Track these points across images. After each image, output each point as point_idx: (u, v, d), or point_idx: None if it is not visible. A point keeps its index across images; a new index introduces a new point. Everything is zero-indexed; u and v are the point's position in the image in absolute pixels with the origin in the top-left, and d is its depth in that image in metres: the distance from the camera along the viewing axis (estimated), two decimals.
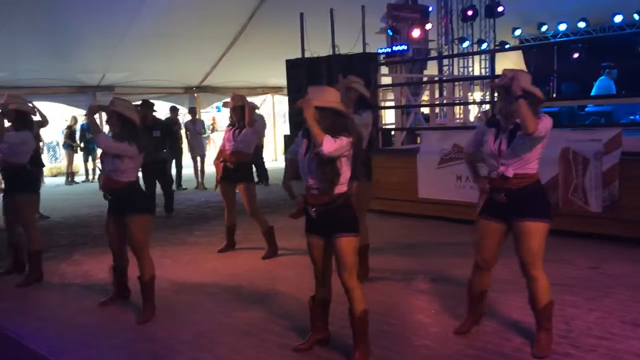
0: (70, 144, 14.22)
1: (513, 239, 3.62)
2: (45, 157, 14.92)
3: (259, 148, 12.65)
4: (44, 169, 12.83)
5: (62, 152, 16.22)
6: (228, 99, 6.51)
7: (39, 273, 5.66)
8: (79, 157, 14.63)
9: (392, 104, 11.70)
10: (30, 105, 5.75)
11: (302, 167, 3.58)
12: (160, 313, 4.61)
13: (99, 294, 5.12)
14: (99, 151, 9.30)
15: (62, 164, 16.10)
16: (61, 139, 15.14)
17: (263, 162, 12.48)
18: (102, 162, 4.62)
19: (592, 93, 11.11)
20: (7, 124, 5.56)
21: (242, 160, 6.24)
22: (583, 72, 15.09)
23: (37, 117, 7.93)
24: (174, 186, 12.14)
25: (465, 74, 16.14)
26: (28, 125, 5.64)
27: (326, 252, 3.61)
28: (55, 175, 16.17)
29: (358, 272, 4.62)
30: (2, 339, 4.28)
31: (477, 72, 16.77)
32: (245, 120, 6.24)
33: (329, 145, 3.29)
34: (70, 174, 14.45)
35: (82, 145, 14.19)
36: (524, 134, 3.35)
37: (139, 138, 4.53)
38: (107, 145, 4.49)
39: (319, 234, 3.57)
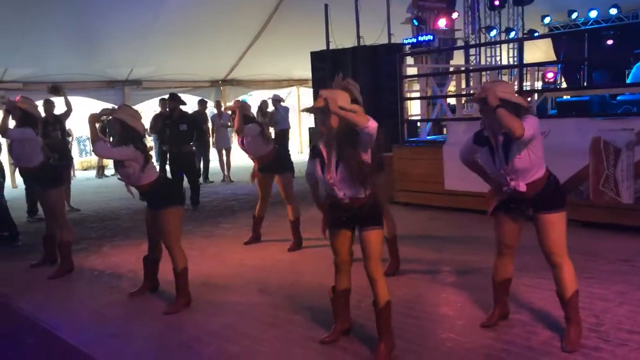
0: (101, 139, 14.43)
1: (536, 232, 3.58)
2: (75, 151, 15.23)
3: (285, 140, 12.71)
4: (75, 162, 13.14)
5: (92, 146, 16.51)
6: (252, 92, 6.56)
7: (69, 265, 5.79)
8: None
9: (418, 95, 11.59)
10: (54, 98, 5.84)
11: (325, 185, 3.55)
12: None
13: (128, 286, 5.22)
14: None
15: (93, 157, 16.39)
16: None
17: (289, 154, 12.49)
18: (117, 173, 4.68)
19: (629, 81, 10.82)
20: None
21: (268, 158, 6.29)
22: (615, 60, 14.72)
23: (60, 110, 8.16)
24: (200, 179, 12.33)
25: (493, 63, 15.87)
26: (31, 124, 5.76)
27: (350, 243, 3.65)
28: (86, 169, 16.48)
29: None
30: (35, 329, 4.39)
31: (505, 62, 16.48)
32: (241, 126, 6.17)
33: (373, 123, 3.27)
34: (100, 168, 14.70)
35: (111, 139, 14.41)
36: (514, 139, 3.32)
37: (141, 146, 4.54)
38: (104, 152, 4.68)
39: (346, 227, 3.61)
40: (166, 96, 12.16)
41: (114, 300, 4.94)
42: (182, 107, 9.12)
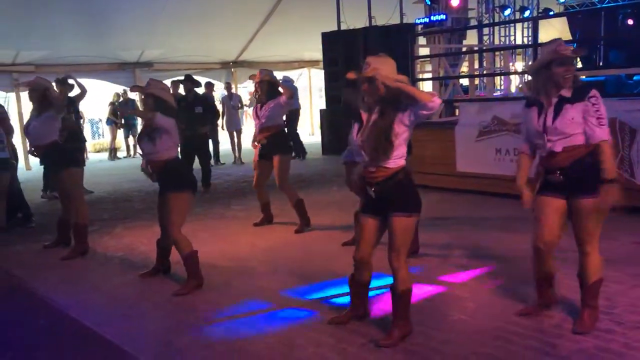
0: (113, 121, 14.51)
1: (570, 218, 3.49)
2: (88, 134, 15.31)
3: (295, 122, 12.66)
4: (88, 145, 13.21)
5: (104, 129, 16.59)
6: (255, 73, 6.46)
7: (82, 247, 5.83)
8: (121, 133, 14.93)
9: (430, 75, 11.47)
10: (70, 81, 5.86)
11: (356, 150, 3.50)
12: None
13: (140, 267, 5.26)
14: (139, 127, 9.45)
15: (105, 140, 16.49)
16: (103, 116, 15.48)
17: (299, 137, 12.47)
18: (139, 145, 4.74)
19: None
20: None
21: (272, 133, 6.22)
22: (632, 39, 14.43)
23: (74, 92, 8.16)
24: (212, 161, 12.35)
25: (507, 43, 15.66)
26: (49, 105, 5.76)
27: (378, 231, 3.53)
28: (98, 151, 16.59)
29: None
30: (49, 309, 4.44)
31: (519, 41, 16.25)
32: (279, 94, 6.19)
33: (438, 100, 3.22)
34: (112, 150, 14.79)
35: (122, 121, 14.46)
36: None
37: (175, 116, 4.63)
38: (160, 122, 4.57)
39: (374, 213, 3.48)
40: (178, 78, 12.18)
41: (126, 281, 4.98)
42: (196, 89, 9.09)
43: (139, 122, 12.76)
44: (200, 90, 9.75)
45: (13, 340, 3.96)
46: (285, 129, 6.45)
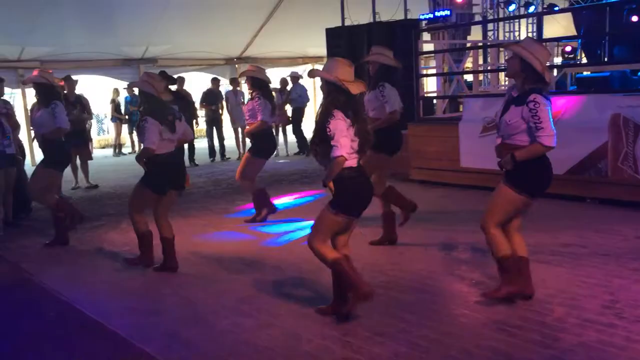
0: (117, 117, 14.56)
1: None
2: (93, 130, 15.37)
3: (300, 119, 12.69)
4: (93, 141, 13.29)
5: (109, 125, 16.65)
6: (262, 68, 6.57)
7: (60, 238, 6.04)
8: (126, 129, 14.98)
9: (434, 71, 11.46)
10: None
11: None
12: (203, 279, 4.76)
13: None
14: None
15: (110, 136, 16.54)
16: (108, 112, 15.52)
17: (303, 133, 12.49)
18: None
19: None
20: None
21: (252, 132, 6.39)
22: (637, 34, 14.37)
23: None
24: (217, 157, 12.39)
25: (512, 39, 15.60)
26: (54, 97, 5.86)
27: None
28: (103, 147, 16.65)
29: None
30: (56, 302, 4.50)
31: (523, 37, 16.17)
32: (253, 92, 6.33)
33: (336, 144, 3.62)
34: (117, 146, 14.85)
35: (126, 117, 14.51)
36: None
37: (155, 108, 4.78)
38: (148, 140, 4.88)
39: None
40: (182, 74, 12.21)
41: (131, 274, 5.03)
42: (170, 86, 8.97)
43: None
44: (202, 86, 9.71)
45: (22, 331, 4.01)
46: (263, 131, 6.44)
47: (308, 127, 15.50)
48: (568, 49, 14.45)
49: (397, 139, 5.29)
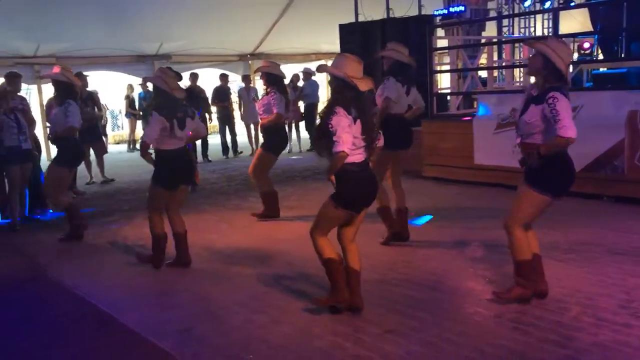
0: (132, 113, 14.65)
1: None
2: (108, 125, 15.49)
3: (313, 114, 12.67)
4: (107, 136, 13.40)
5: (124, 120, 16.76)
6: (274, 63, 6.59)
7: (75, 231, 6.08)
8: (140, 124, 15.06)
9: (448, 67, 11.37)
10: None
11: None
12: (216, 275, 4.78)
13: None
14: None
15: (125, 131, 16.65)
16: (122, 108, 15.62)
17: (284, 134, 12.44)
18: None
19: None
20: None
21: (264, 127, 6.43)
22: None
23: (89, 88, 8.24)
24: (230, 153, 12.42)
25: (527, 34, 15.46)
26: (70, 96, 5.89)
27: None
28: (117, 143, 16.77)
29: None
30: (71, 296, 4.55)
31: (539, 33, 16.01)
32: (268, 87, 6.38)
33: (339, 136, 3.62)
34: (132, 142, 14.94)
35: (141, 113, 14.59)
36: None
37: (167, 104, 4.76)
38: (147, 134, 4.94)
39: None
40: (196, 70, 12.25)
41: (145, 270, 5.06)
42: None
43: None
44: (211, 83, 9.71)
45: (37, 324, 4.06)
46: (276, 126, 6.42)
47: None
48: (586, 45, 14.26)
49: (403, 135, 5.26)
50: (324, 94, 17.21)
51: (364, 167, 3.72)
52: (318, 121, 3.78)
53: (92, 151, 9.41)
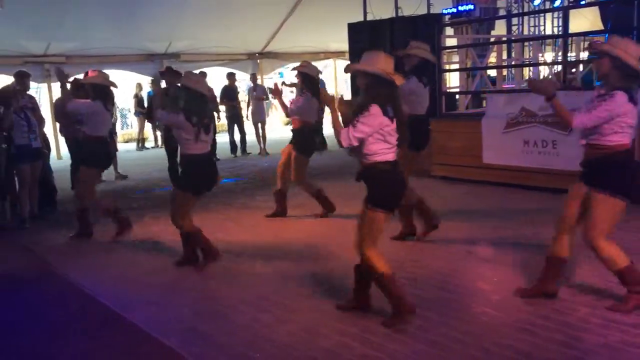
0: (141, 112, 14.71)
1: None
2: (117, 124, 15.56)
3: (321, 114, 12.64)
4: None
5: (132, 119, 16.83)
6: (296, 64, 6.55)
7: (84, 229, 6.10)
8: (149, 123, 15.12)
9: (457, 66, 11.33)
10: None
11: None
12: (223, 274, 4.79)
13: (167, 255, 5.36)
14: None
15: (134, 130, 16.73)
16: (131, 106, 15.69)
17: (321, 128, 12.45)
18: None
19: None
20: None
21: (296, 127, 6.36)
22: None
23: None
24: (238, 152, 12.44)
25: (536, 33, 15.37)
26: (103, 97, 5.86)
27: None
28: (127, 142, 16.83)
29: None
30: (78, 293, 4.58)
31: (548, 31, 15.93)
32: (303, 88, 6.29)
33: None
34: (140, 140, 15.01)
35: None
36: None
37: (198, 109, 4.70)
38: (161, 118, 4.99)
39: None
40: (204, 69, 12.27)
41: (153, 268, 5.08)
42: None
43: None
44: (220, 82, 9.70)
45: (45, 323, 4.09)
46: (309, 128, 6.36)
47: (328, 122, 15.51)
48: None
49: (423, 135, 5.25)
50: (330, 92, 17.14)
51: (396, 165, 3.63)
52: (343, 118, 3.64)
53: None
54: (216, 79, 13.76)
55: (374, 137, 3.49)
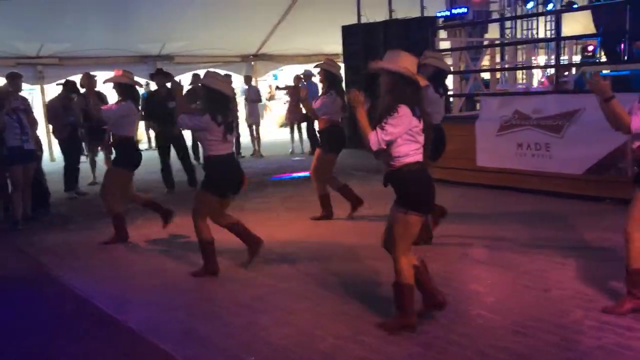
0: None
1: None
2: None
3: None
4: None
5: None
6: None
7: (120, 235, 5.98)
8: (142, 125, 15.05)
9: (451, 69, 11.37)
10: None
11: None
12: (220, 276, 4.78)
13: (161, 256, 5.34)
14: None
15: None
16: None
17: (314, 131, 12.48)
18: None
19: None
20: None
21: (321, 127, 6.38)
22: None
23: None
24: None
25: (529, 36, 15.45)
26: (133, 96, 5.90)
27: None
28: None
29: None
30: (72, 296, 4.55)
31: (541, 35, 16.01)
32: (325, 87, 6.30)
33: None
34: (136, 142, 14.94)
35: (143, 113, 14.57)
36: None
37: (222, 109, 4.64)
38: (184, 124, 4.81)
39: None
40: (198, 71, 12.24)
41: (147, 270, 5.06)
42: (168, 84, 8.57)
43: None
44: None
45: (39, 325, 4.06)
46: (333, 127, 6.32)
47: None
48: (590, 48, 14.26)
49: (440, 145, 5.31)
50: None
51: (424, 166, 3.55)
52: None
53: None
54: None
55: (404, 138, 3.39)
